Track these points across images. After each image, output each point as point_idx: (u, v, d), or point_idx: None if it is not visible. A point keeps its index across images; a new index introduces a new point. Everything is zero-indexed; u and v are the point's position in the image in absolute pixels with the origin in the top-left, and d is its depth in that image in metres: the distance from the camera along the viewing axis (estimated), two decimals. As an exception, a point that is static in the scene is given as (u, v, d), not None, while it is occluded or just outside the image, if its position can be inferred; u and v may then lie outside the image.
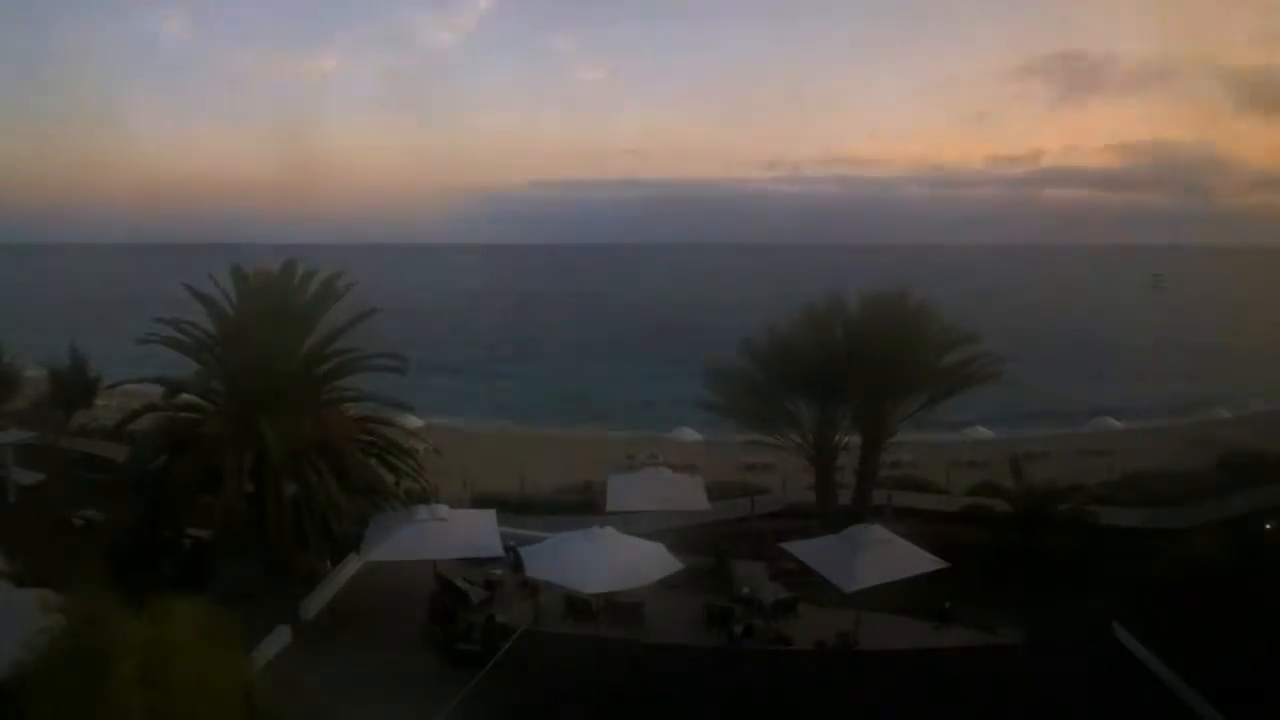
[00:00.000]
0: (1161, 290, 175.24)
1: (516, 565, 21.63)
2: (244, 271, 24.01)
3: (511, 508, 28.84)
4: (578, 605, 20.44)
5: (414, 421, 31.98)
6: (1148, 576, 21.42)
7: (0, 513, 28.39)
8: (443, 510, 21.75)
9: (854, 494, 30.78)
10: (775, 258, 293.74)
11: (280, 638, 18.55)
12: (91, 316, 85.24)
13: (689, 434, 41.53)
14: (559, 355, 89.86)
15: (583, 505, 29.62)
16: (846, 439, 30.52)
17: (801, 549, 20.59)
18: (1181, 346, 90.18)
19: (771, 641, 19.56)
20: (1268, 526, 24.99)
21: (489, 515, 22.78)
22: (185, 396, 23.77)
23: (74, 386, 38.40)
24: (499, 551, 21.23)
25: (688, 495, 25.94)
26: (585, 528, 20.43)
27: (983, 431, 42.21)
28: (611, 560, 18.85)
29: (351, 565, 22.64)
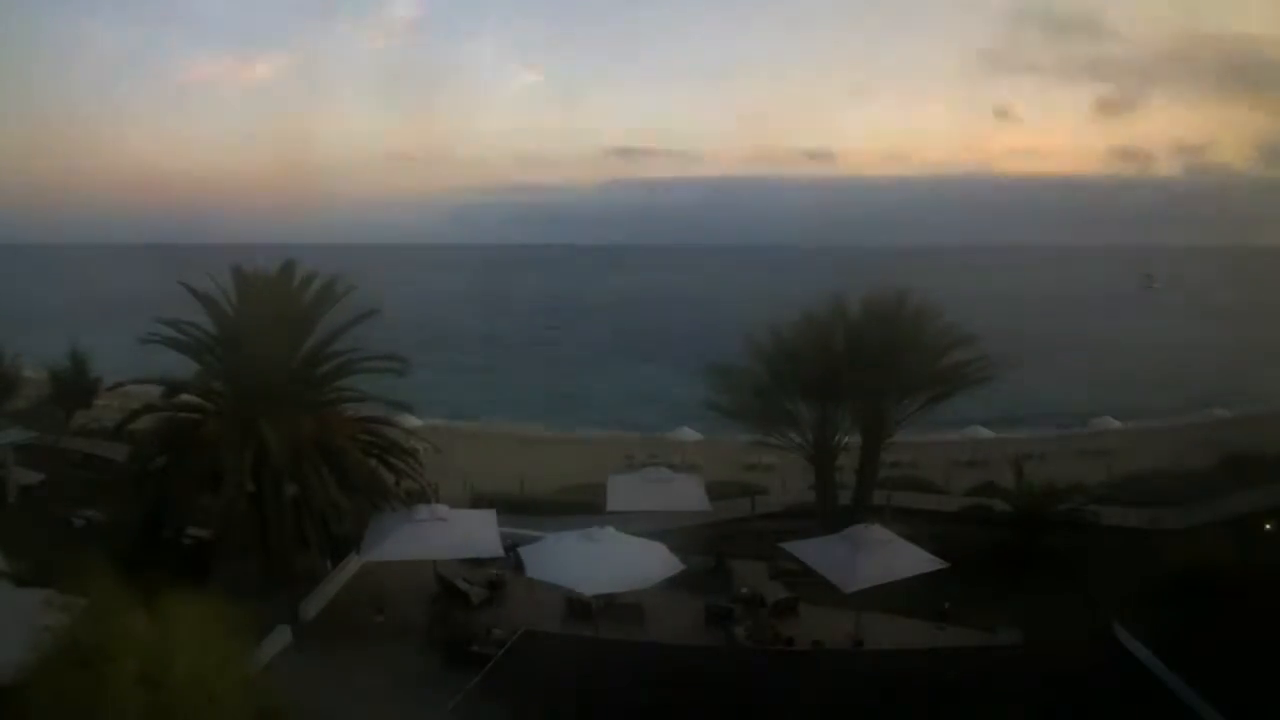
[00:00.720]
0: (1153, 290, 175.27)
1: (517, 566, 21.65)
2: (244, 272, 24.04)
3: (512, 508, 28.85)
4: (578, 605, 20.44)
5: (414, 421, 32.02)
6: (1147, 576, 21.43)
7: (0, 513, 28.39)
8: (443, 510, 21.76)
9: (854, 494, 30.80)
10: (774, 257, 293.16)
11: (280, 638, 18.56)
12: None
13: (689, 434, 41.57)
14: (558, 355, 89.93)
15: (583, 505, 29.64)
16: (846, 439, 30.54)
17: (801, 549, 20.61)
18: (1181, 346, 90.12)
19: (771, 641, 19.57)
20: (1268, 527, 24.99)
21: (489, 515, 22.79)
22: (185, 396, 23.78)
23: (74, 386, 38.45)
24: (499, 551, 21.23)
25: (688, 495, 25.95)
26: (585, 528, 20.46)
27: (983, 431, 42.22)
28: (611, 561, 18.85)
29: (351, 565, 22.66)
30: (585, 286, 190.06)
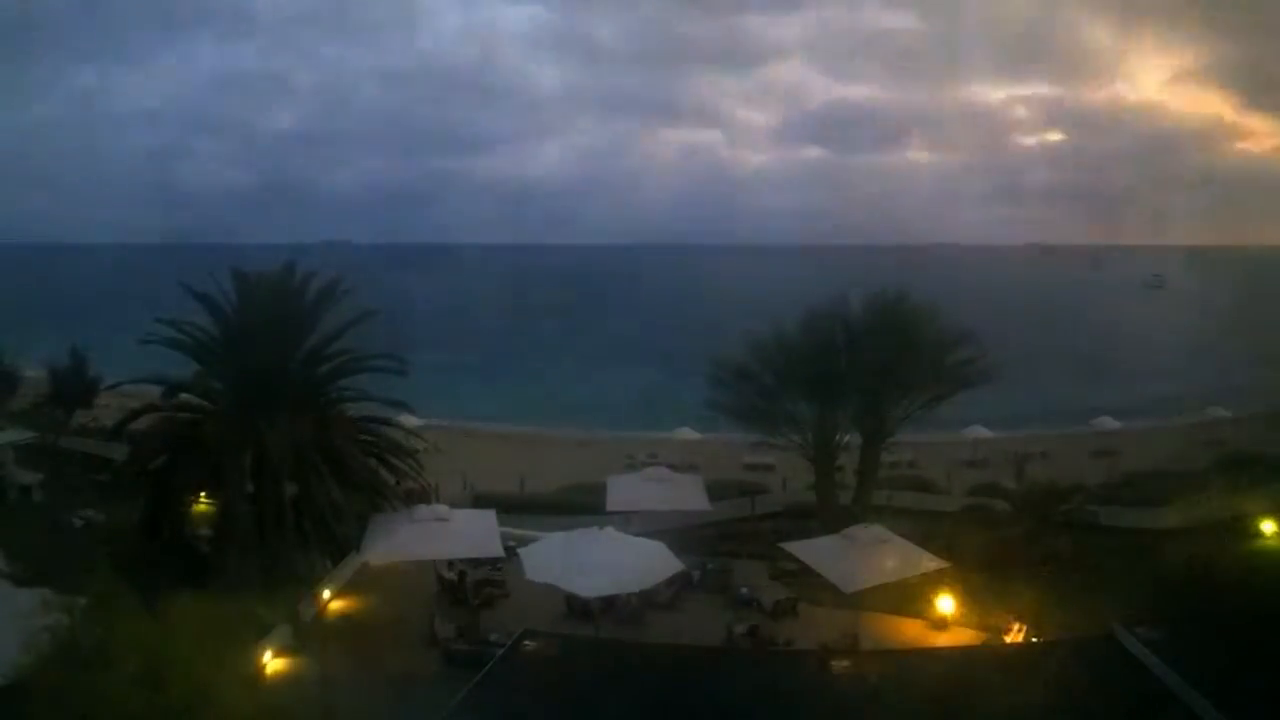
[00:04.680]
0: (1160, 290, 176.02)
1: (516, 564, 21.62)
2: (244, 272, 24.06)
3: (512, 508, 28.84)
4: (578, 606, 20.43)
5: (414, 421, 32.04)
6: (1148, 576, 21.41)
7: (0, 513, 28.38)
8: (443, 510, 21.74)
9: (854, 494, 30.77)
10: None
11: (280, 638, 18.54)
12: None
13: (689, 434, 41.56)
14: (558, 355, 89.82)
15: (583, 506, 29.63)
16: (847, 439, 30.51)
17: (801, 549, 20.58)
18: (1182, 346, 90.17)
19: (771, 642, 19.56)
20: (1267, 526, 24.96)
21: (489, 515, 22.75)
22: (185, 396, 23.78)
23: (74, 386, 38.41)
24: (499, 551, 21.22)
25: (688, 495, 25.93)
26: (585, 528, 20.45)
27: (983, 431, 42.20)
28: (611, 561, 18.83)
29: (351, 565, 22.65)
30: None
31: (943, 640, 19.47)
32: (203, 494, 22.42)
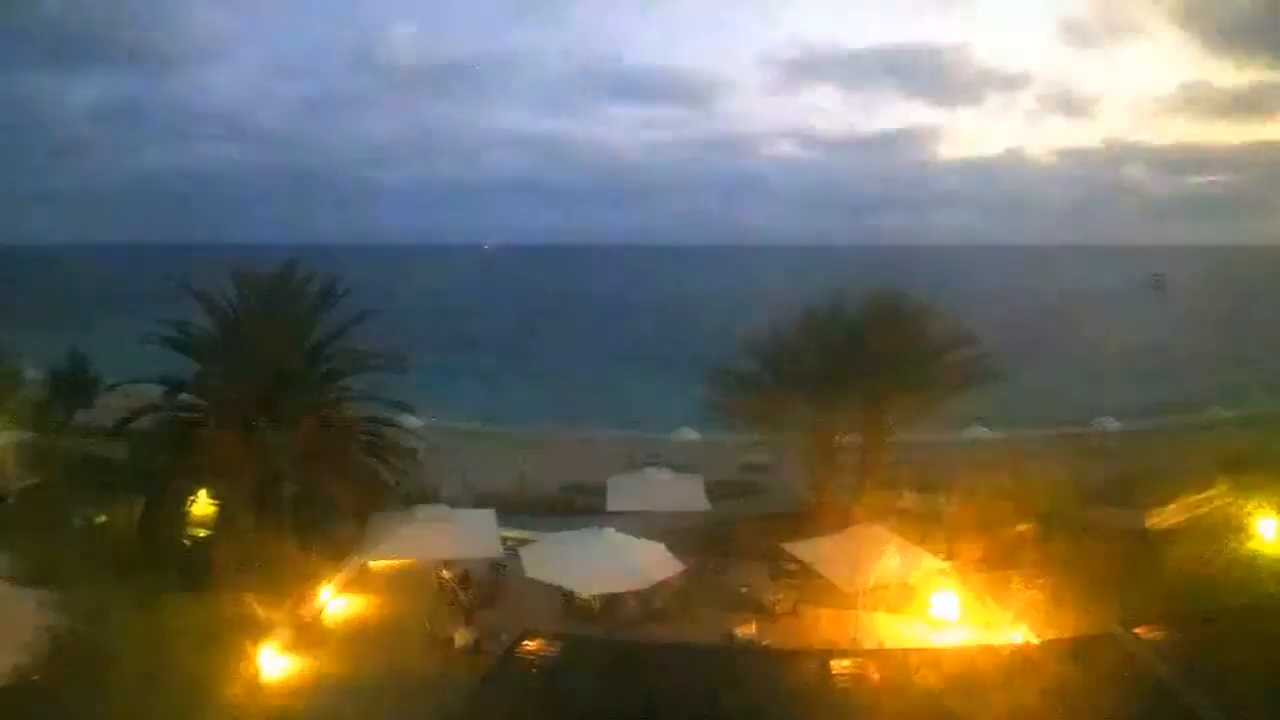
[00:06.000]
0: (1161, 289, 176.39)
1: (517, 565, 21.62)
2: (243, 271, 24.08)
3: (512, 508, 28.82)
4: (578, 606, 20.45)
5: (414, 422, 32.00)
6: (1147, 576, 21.43)
7: (0, 513, 28.36)
8: (443, 510, 21.78)
9: (854, 494, 30.77)
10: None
11: (280, 638, 18.56)
12: None
13: (689, 434, 41.50)
14: (557, 355, 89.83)
15: (583, 506, 29.62)
16: (847, 439, 30.51)
17: (801, 549, 20.61)
18: (1182, 346, 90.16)
19: (771, 642, 19.56)
20: (1268, 527, 24.94)
21: (489, 515, 22.78)
22: (185, 396, 23.78)
23: (74, 386, 38.42)
24: (499, 551, 21.26)
25: (688, 495, 25.96)
26: (585, 528, 20.47)
27: (983, 431, 42.15)
28: (611, 561, 18.87)
29: (351, 565, 22.66)
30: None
31: (943, 640, 19.48)
32: (203, 494, 22.40)
